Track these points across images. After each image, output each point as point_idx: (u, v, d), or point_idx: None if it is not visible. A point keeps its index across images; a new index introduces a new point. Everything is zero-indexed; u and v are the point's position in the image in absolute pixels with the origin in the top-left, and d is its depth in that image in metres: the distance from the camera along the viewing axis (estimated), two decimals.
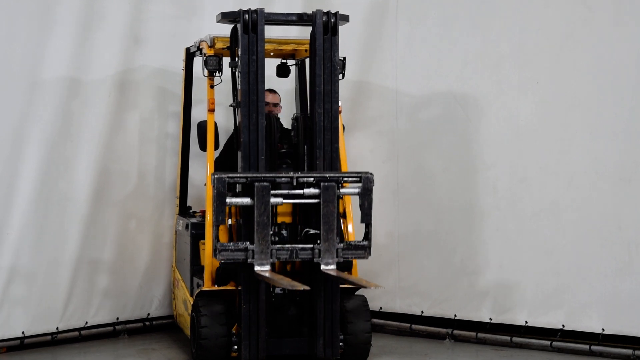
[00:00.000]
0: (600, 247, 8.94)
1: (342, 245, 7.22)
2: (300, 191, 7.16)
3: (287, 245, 7.23)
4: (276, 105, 8.80)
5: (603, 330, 8.77)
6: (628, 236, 8.77)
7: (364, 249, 7.30)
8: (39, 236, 9.10)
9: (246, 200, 7.08)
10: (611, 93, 8.97)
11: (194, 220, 8.58)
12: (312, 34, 7.64)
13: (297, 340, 7.48)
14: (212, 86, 8.16)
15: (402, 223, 10.02)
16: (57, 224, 9.30)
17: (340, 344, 7.46)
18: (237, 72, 7.67)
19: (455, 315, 9.56)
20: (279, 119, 8.69)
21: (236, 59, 7.66)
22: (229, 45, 7.93)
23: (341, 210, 7.97)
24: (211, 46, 8.14)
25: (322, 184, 7.12)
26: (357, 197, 7.42)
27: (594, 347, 8.79)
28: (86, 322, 9.47)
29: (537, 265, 9.31)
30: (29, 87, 9.11)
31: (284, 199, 7.17)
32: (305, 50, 8.54)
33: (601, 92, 9.04)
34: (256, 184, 6.97)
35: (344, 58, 8.11)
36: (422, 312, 9.63)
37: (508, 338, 9.31)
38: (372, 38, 10.05)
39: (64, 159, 9.41)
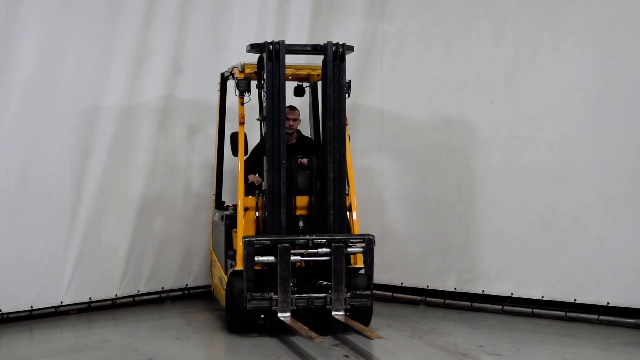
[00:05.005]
0: (540, 232, 9.32)
1: (349, 294, 7.33)
2: (315, 250, 7.23)
3: (304, 295, 7.32)
4: (295, 120, 8.76)
5: (542, 297, 9.25)
6: (561, 223, 9.13)
7: (367, 297, 7.46)
8: (101, 224, 9.37)
9: (270, 259, 7.15)
10: (548, 111, 9.23)
11: (227, 212, 8.56)
12: (324, 61, 7.81)
13: (316, 297, 7.38)
14: (242, 104, 8.22)
15: (386, 215, 10.23)
16: (114, 215, 9.54)
17: (347, 306, 7.37)
18: (262, 92, 7.81)
19: (428, 286, 9.91)
20: (299, 131, 8.92)
21: (262, 81, 7.80)
22: (256, 70, 8.06)
23: (347, 204, 7.98)
24: (242, 71, 8.24)
25: (332, 244, 7.23)
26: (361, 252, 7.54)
27: (535, 311, 9.28)
28: (138, 291, 9.79)
29: (491, 247, 9.70)
30: (94, 108, 9.26)
31: (302, 257, 7.28)
32: (318, 75, 8.67)
33: (541, 111, 9.31)
34: (279, 245, 7.09)
35: (349, 81, 8.21)
36: (402, 283, 9.97)
37: (469, 304, 9.76)
38: (363, 66, 10.08)
39: (120, 165, 9.57)
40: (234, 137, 8.35)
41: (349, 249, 7.36)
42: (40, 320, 8.80)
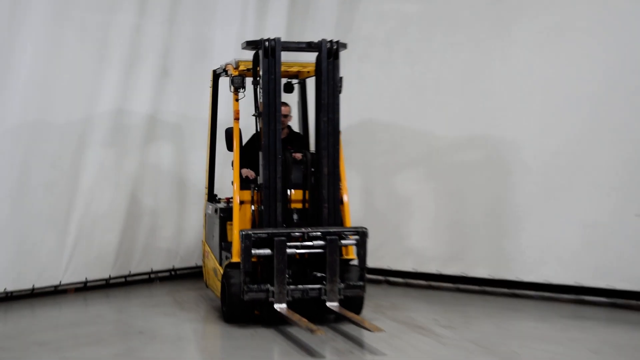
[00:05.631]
0: (489, 218, 9.68)
1: (343, 285, 7.11)
2: (310, 243, 7.03)
3: (300, 287, 7.05)
4: (286, 116, 8.37)
5: (490, 276, 9.63)
6: (508, 212, 9.48)
7: (360, 287, 7.27)
8: (96, 213, 9.54)
9: (267, 251, 6.91)
10: (498, 112, 9.50)
11: (221, 205, 8.21)
12: (318, 58, 7.48)
13: (310, 288, 7.13)
14: (237, 100, 7.78)
15: (362, 206, 10.25)
16: (108, 205, 9.68)
17: (341, 297, 7.16)
18: (258, 89, 7.39)
19: (389, 267, 10.23)
20: (290, 127, 8.56)
21: (258, 78, 7.42)
22: (250, 67, 7.68)
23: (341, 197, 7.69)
24: (236, 68, 7.80)
25: (327, 237, 7.03)
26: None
27: (485, 288, 9.69)
28: (129, 271, 9.97)
29: (445, 234, 10.01)
30: (89, 107, 9.44)
31: (297, 249, 7.05)
32: (308, 72, 8.42)
33: (488, 111, 9.59)
34: (275, 238, 6.88)
35: (342, 77, 7.72)
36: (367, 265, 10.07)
37: (426, 282, 10.14)
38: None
39: (115, 160, 9.76)
40: (229, 132, 8.06)
41: (342, 242, 7.18)
42: (41, 298, 8.97)
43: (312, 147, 8.38)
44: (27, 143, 8.87)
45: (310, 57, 7.72)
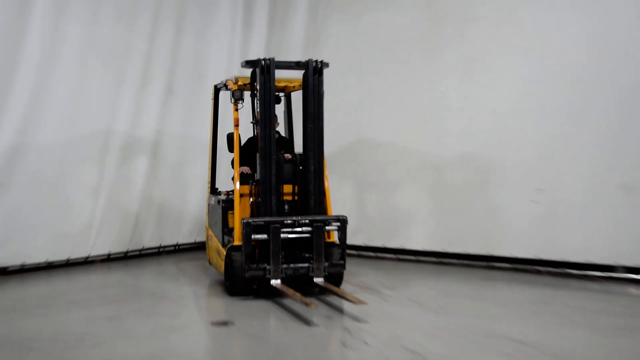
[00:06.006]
0: (425, 196, 9.62)
1: (327, 264, 6.87)
2: (300, 229, 6.76)
3: (291, 265, 6.78)
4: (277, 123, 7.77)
5: (424, 248, 9.63)
6: (435, 197, 9.48)
7: (341, 266, 6.97)
8: (117, 200, 9.55)
9: (264, 236, 6.66)
10: (424, 122, 9.50)
11: (223, 197, 7.80)
12: (305, 75, 7.12)
13: (300, 266, 6.84)
14: (236, 109, 7.32)
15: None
16: (126, 194, 9.72)
17: (325, 273, 6.91)
18: (255, 100, 7.13)
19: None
20: (278, 132, 8.01)
21: (255, 91, 7.14)
22: (247, 82, 7.40)
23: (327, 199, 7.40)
24: (235, 83, 7.47)
25: (314, 224, 6.79)
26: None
27: (419, 258, 9.68)
28: (143, 246, 10.00)
29: (386, 213, 9.96)
30: (111, 116, 9.41)
31: (289, 234, 6.76)
32: (293, 87, 8.05)
33: (426, 119, 9.48)
34: (271, 225, 6.64)
35: (324, 91, 7.23)
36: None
37: (373, 254, 10.10)
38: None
39: (131, 161, 9.74)
40: (230, 136, 7.71)
41: (327, 227, 6.90)
42: (74, 267, 9.02)
43: (296, 149, 8.19)
44: (63, 145, 8.88)
45: (295, 74, 7.45)
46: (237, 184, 7.20)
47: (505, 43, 9.07)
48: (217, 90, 8.37)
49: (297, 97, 8.15)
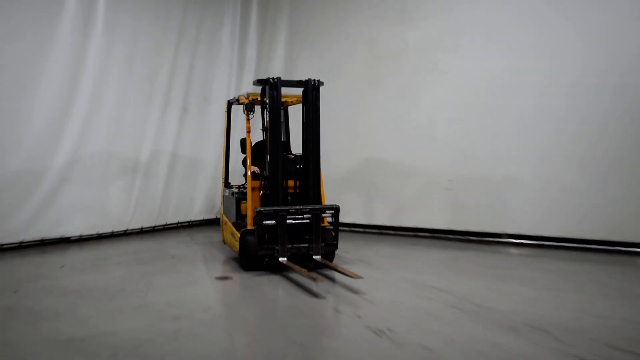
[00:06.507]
0: (367, 186, 9.24)
1: (323, 244, 6.36)
2: (302, 216, 6.25)
3: (295, 245, 6.25)
4: None
5: (387, 224, 9.30)
6: (380, 181, 9.15)
7: (334, 245, 6.44)
8: (148, 187, 9.41)
9: (273, 222, 6.17)
10: (369, 136, 9.33)
11: (235, 190, 7.31)
12: (305, 91, 6.52)
13: (302, 246, 6.30)
14: (248, 120, 6.77)
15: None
16: (154, 183, 9.52)
17: (322, 252, 6.39)
18: (265, 112, 6.46)
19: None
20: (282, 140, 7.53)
21: (265, 105, 6.47)
22: (258, 97, 6.77)
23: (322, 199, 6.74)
24: (247, 98, 6.82)
25: (313, 212, 6.27)
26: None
27: (384, 232, 9.36)
28: (166, 222, 9.90)
29: (358, 198, 9.50)
30: (141, 133, 9.25)
31: (293, 220, 6.24)
32: (291, 101, 7.39)
33: (367, 137, 9.35)
34: (279, 213, 6.16)
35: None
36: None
37: (347, 229, 9.59)
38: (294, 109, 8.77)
39: (158, 161, 9.53)
40: (243, 141, 7.18)
41: (323, 215, 6.39)
42: (116, 238, 8.95)
43: (293, 150, 7.77)
44: (108, 151, 8.81)
45: (294, 91, 6.90)
46: (250, 179, 6.69)
47: (424, 74, 8.96)
48: (229, 105, 7.84)
49: (292, 110, 7.90)
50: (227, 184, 7.95)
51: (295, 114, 7.39)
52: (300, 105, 6.65)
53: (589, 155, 7.63)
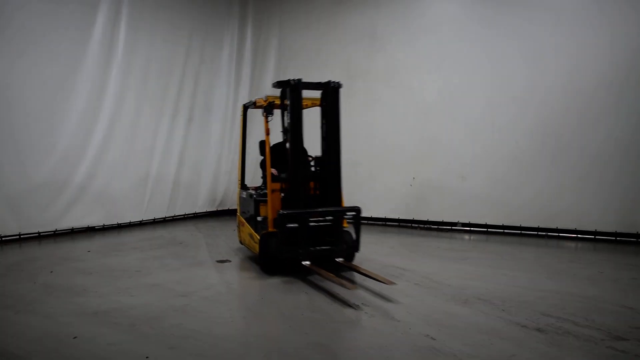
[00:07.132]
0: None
1: (344, 246, 5.34)
2: (322, 218, 5.18)
3: (317, 248, 5.20)
4: None
5: (372, 216, 9.06)
6: (355, 178, 8.70)
7: (355, 247, 5.40)
8: (160, 181, 9.16)
9: (295, 225, 5.07)
10: (346, 138, 8.61)
11: (253, 192, 6.12)
12: (324, 92, 5.53)
13: (324, 248, 5.23)
14: (267, 121, 5.63)
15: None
16: (165, 178, 9.23)
17: (344, 254, 5.36)
18: (285, 114, 5.38)
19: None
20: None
21: (286, 107, 5.38)
22: (275, 100, 5.68)
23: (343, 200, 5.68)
24: (265, 100, 5.67)
25: (335, 214, 5.26)
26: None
27: (369, 222, 9.05)
28: (175, 214, 9.66)
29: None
30: (153, 138, 8.97)
31: (316, 223, 5.22)
32: (312, 103, 5.93)
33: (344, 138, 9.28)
34: (302, 216, 5.11)
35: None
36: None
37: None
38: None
39: (169, 160, 9.35)
40: (262, 143, 6.12)
41: (344, 217, 5.34)
42: (133, 227, 8.78)
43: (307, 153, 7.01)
44: (127, 154, 8.67)
45: (312, 94, 5.75)
46: (269, 181, 5.60)
47: (389, 89, 8.92)
48: (245, 109, 6.72)
49: (306, 113, 7.37)
50: (243, 186, 6.94)
51: (305, 117, 7.00)
52: (311, 109, 5.91)
53: (522, 156, 7.84)
